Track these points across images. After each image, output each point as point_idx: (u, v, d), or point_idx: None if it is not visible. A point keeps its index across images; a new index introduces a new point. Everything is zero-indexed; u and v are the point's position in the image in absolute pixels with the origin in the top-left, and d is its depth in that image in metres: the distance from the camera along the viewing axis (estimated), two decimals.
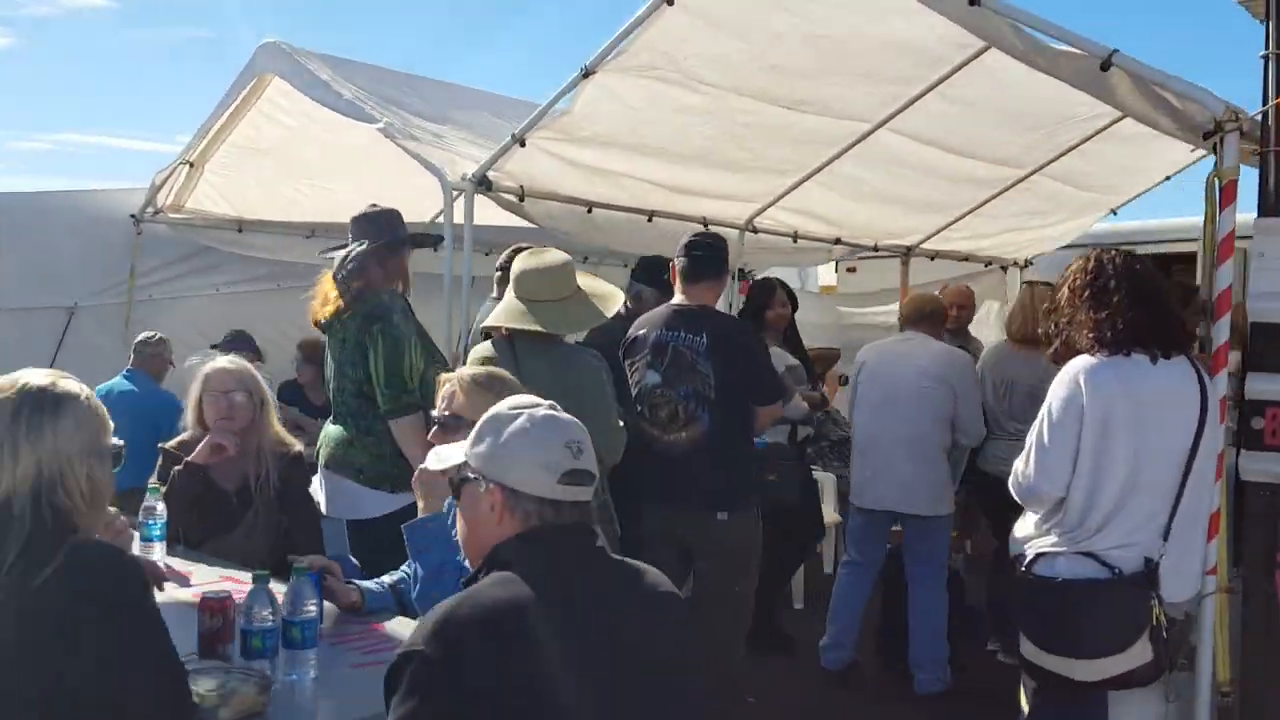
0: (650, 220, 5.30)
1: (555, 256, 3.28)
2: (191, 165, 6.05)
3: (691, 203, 5.41)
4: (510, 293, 3.25)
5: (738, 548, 3.53)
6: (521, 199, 4.73)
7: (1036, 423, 2.64)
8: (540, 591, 1.51)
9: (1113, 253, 2.70)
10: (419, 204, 7.04)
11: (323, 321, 3.63)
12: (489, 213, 4.86)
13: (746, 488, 3.60)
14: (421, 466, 2.44)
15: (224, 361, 3.32)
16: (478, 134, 5.50)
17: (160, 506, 2.93)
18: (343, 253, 3.62)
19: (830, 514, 5.57)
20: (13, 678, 1.54)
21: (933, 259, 7.12)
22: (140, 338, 5.50)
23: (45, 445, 1.65)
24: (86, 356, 6.34)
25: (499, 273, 4.58)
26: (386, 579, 2.62)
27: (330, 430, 3.64)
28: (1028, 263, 7.65)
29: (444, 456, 1.75)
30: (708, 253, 3.71)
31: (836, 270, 9.24)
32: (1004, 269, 7.72)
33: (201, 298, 6.89)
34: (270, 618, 2.00)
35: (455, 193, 4.57)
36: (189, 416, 3.33)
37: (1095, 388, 2.53)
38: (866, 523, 4.47)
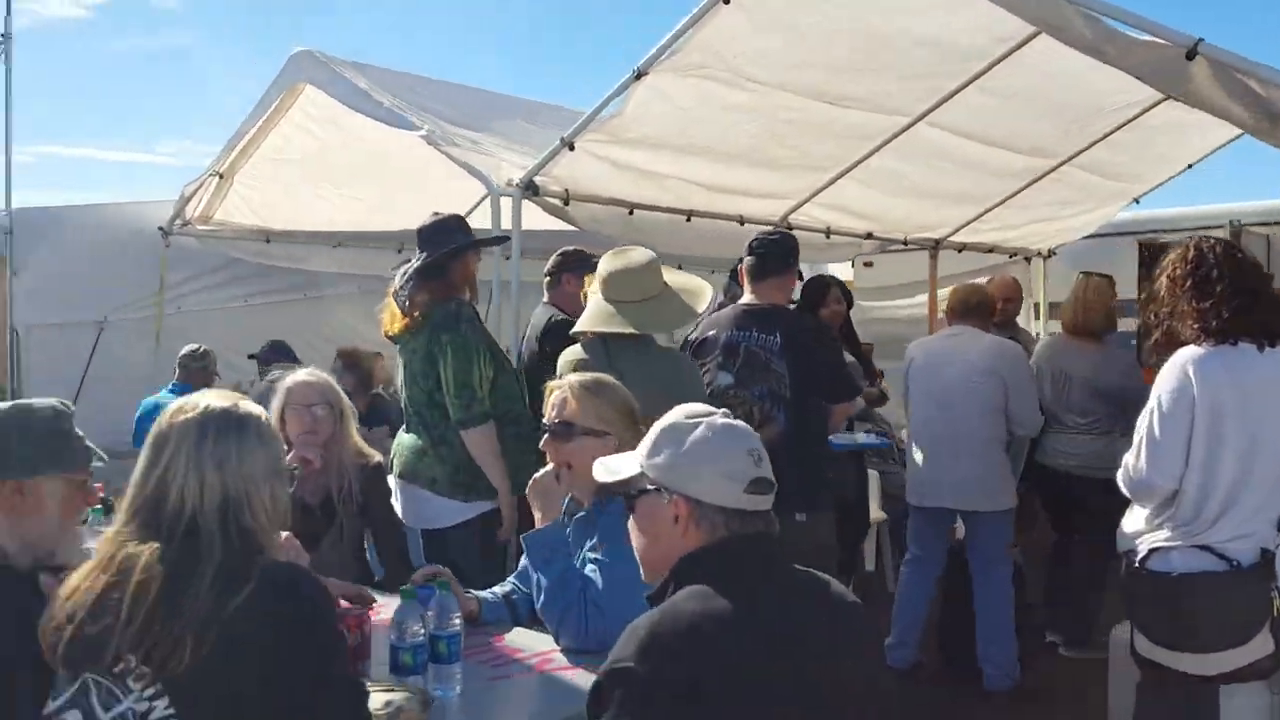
0: (689, 220, 5.29)
1: (640, 255, 3.25)
2: (221, 176, 6.01)
3: (729, 201, 5.40)
4: (597, 295, 3.22)
5: (815, 548, 3.49)
6: (566, 202, 4.71)
7: (1144, 415, 2.63)
8: (736, 604, 1.49)
9: (1211, 241, 2.69)
10: (449, 210, 7.04)
11: (393, 335, 3.61)
12: (526, 217, 4.84)
13: (822, 487, 3.59)
14: (536, 476, 2.42)
15: (304, 374, 3.28)
16: (512, 139, 5.48)
17: None
18: (404, 268, 3.59)
19: (875, 511, 5.56)
20: (210, 703, 1.51)
21: (960, 251, 7.13)
22: (185, 351, 5.44)
23: (231, 467, 1.64)
24: (116, 371, 6.31)
25: (548, 278, 4.56)
26: (498, 589, 2.60)
27: (404, 440, 3.62)
28: (1051, 253, 7.69)
29: (614, 468, 1.72)
30: (772, 250, 3.70)
31: (853, 265, 9.25)
32: (1028, 260, 7.74)
33: (230, 309, 6.84)
34: (421, 633, 1.98)
35: (502, 198, 4.55)
36: None
37: (1204, 377, 2.52)
38: (926, 521, 4.45)
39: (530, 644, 2.35)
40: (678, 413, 1.67)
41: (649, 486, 1.63)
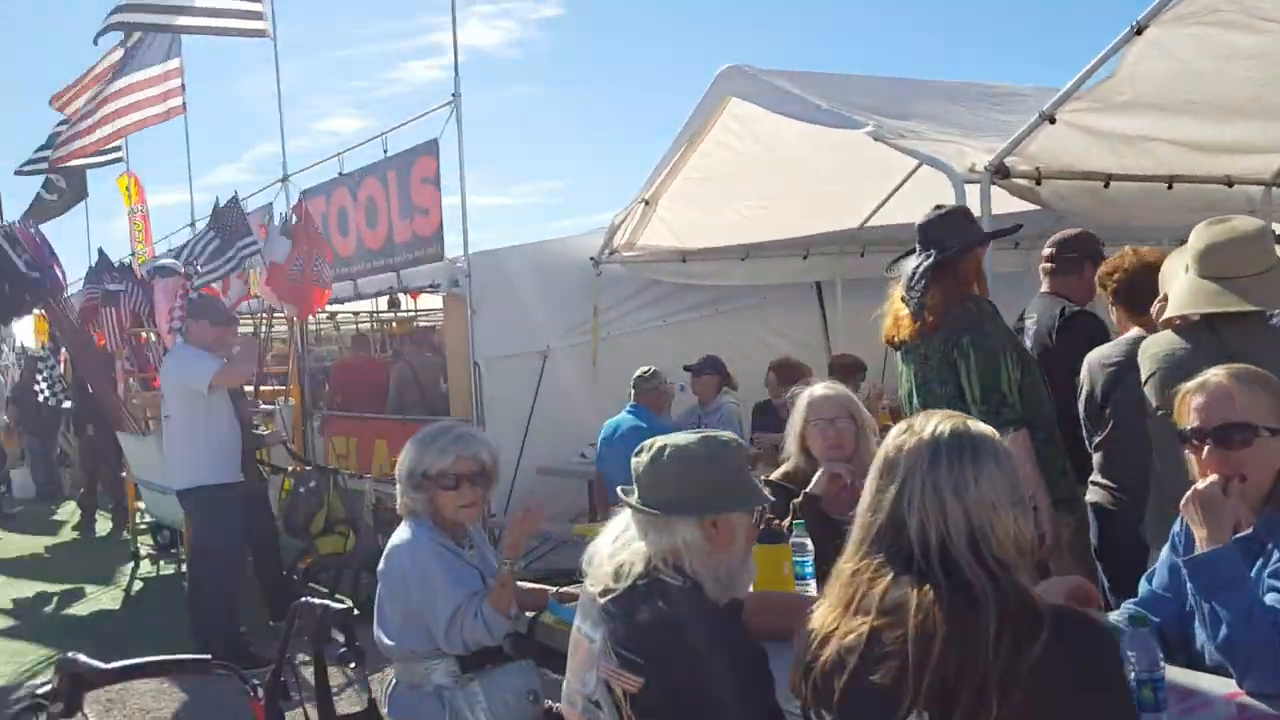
0: (1170, 187, 4.68)
1: (1249, 223, 2.80)
2: (647, 203, 6.22)
3: (1216, 162, 4.73)
4: (1191, 273, 2.81)
5: None
6: (1038, 182, 4.30)
7: None
8: None
9: None
10: (862, 207, 6.87)
11: (899, 341, 3.42)
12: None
13: None
14: (1198, 488, 2.09)
15: (823, 388, 3.19)
16: (945, 124, 5.16)
17: (809, 543, 2.81)
18: (910, 266, 3.38)
19: None
20: None
21: None
22: (638, 374, 5.65)
23: (970, 494, 1.49)
24: (559, 396, 6.72)
25: (1050, 264, 4.15)
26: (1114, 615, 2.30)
27: None
28: None
29: None
30: None
31: None
32: None
33: (648, 330, 7.08)
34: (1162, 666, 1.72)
35: (967, 185, 4.24)
36: (790, 445, 3.23)
37: None
38: None
39: (1191, 681, 2.03)
40: None
41: None
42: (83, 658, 2.36)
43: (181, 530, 7.37)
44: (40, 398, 10.44)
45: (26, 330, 14.75)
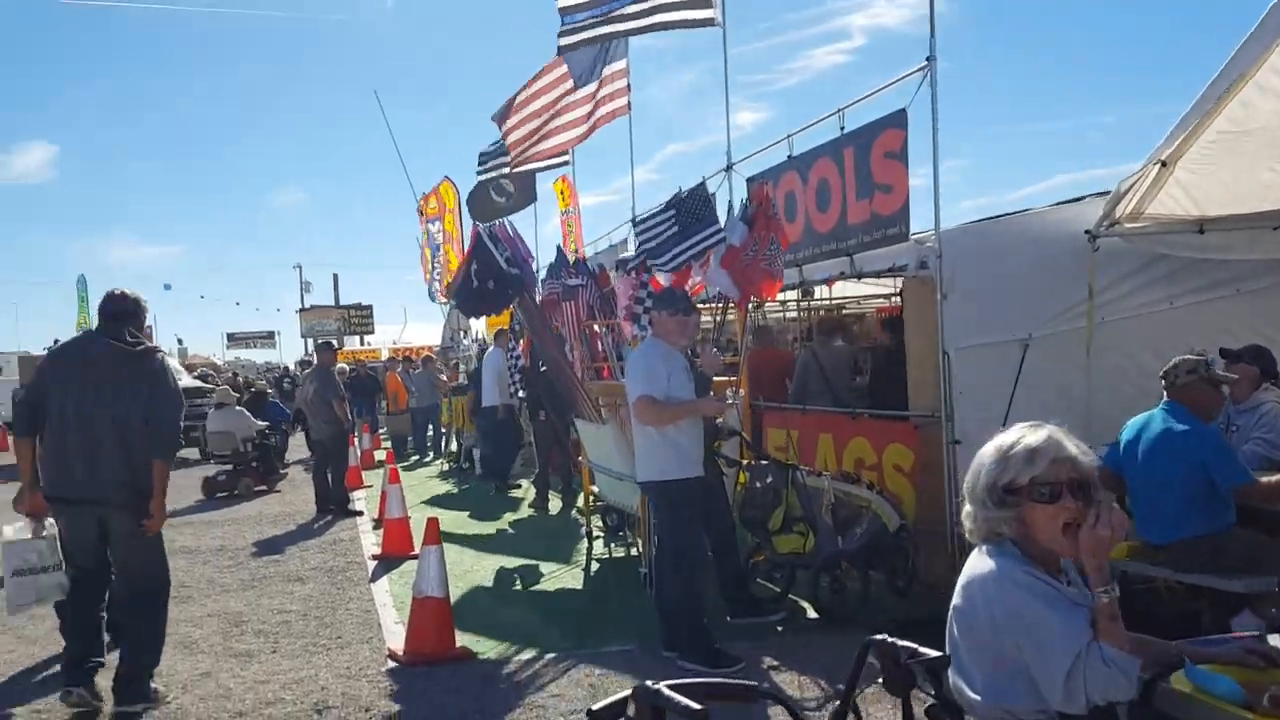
0: None
1: None
2: (1164, 164, 5.24)
3: None
4: None
5: None
6: None
7: None
8: None
9: None
10: None
11: None
12: None
13: None
14: None
15: None
16: None
17: None
18: None
19: None
20: None
21: None
22: (1164, 369, 4.72)
23: None
24: (1044, 390, 5.91)
25: None
26: None
27: None
28: None
29: None
30: None
31: None
32: None
33: (1155, 313, 6.06)
34: None
35: None
36: None
37: None
38: None
39: None
40: None
41: None
42: (664, 690, 2.14)
43: (630, 514, 7.53)
44: (513, 389, 11.44)
45: (480, 323, 16.38)
